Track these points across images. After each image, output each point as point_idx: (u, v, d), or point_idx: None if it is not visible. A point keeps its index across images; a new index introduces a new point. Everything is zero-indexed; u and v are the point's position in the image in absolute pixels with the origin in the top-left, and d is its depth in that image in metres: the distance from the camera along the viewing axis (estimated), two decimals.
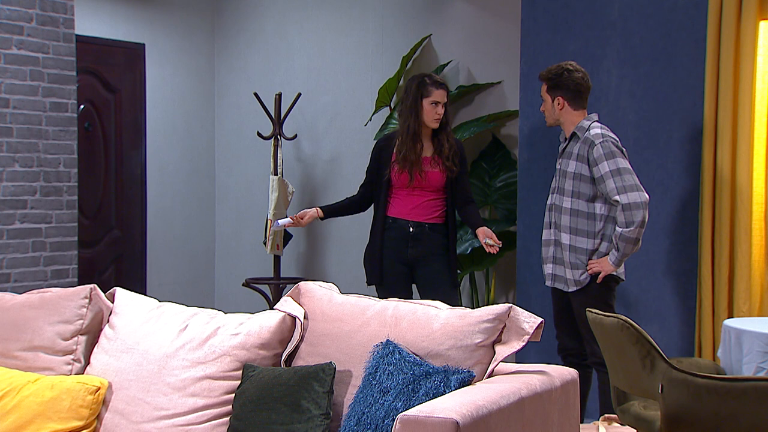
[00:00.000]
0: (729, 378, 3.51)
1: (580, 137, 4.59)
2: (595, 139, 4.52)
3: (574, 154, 4.60)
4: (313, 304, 3.31)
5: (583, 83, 4.65)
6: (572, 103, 4.64)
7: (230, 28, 7.94)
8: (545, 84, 4.69)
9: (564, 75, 4.62)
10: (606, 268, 4.52)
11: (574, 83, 4.62)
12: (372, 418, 2.85)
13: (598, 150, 4.49)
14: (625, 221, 4.41)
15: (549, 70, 4.69)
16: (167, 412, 3.20)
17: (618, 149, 4.50)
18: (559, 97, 4.64)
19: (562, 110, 4.65)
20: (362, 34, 7.26)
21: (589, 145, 4.53)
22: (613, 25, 5.45)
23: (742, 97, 4.99)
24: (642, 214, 4.40)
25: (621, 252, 4.46)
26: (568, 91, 4.63)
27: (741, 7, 5.00)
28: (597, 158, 4.49)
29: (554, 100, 4.65)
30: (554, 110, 4.67)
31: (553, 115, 4.69)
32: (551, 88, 4.66)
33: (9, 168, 5.54)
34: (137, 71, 7.52)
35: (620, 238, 4.43)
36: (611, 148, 4.48)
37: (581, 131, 4.60)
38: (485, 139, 6.64)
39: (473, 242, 6.30)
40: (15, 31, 5.54)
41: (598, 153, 4.48)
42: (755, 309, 4.99)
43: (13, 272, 5.55)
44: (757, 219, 5.02)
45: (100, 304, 3.54)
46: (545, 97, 4.70)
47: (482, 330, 2.98)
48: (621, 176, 4.44)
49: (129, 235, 7.49)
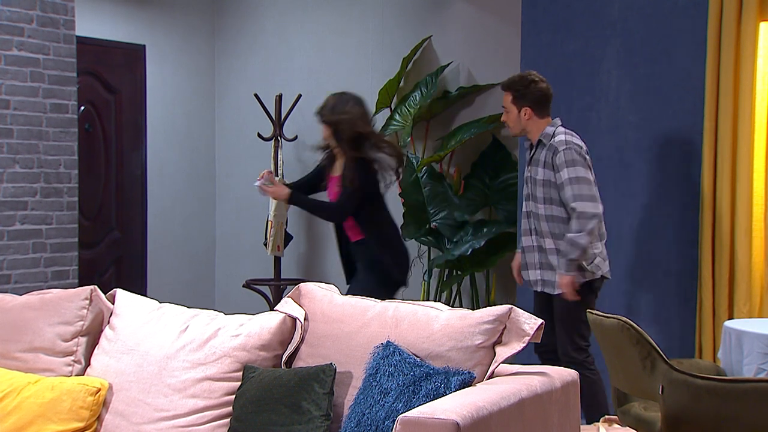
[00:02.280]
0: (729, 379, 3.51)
1: (545, 144, 4.63)
2: (558, 146, 4.56)
3: (542, 161, 4.64)
4: (313, 305, 3.31)
5: (548, 93, 4.69)
6: (538, 113, 4.67)
7: (230, 30, 7.94)
8: (510, 94, 4.69)
9: (531, 86, 4.65)
10: (564, 281, 4.53)
11: (540, 93, 4.66)
12: (372, 419, 2.85)
13: (560, 157, 4.54)
14: (578, 228, 4.46)
15: (513, 81, 4.71)
16: (167, 413, 3.20)
17: (580, 157, 4.55)
18: (526, 107, 4.66)
19: (529, 120, 4.67)
20: (362, 35, 7.26)
21: (554, 152, 4.58)
22: (613, 26, 5.45)
23: (743, 98, 4.99)
24: (593, 224, 4.45)
25: (567, 257, 4.49)
26: (534, 101, 4.65)
27: (741, 8, 5.00)
28: (559, 165, 4.54)
29: (521, 110, 4.67)
30: (520, 120, 4.68)
31: (519, 125, 4.71)
32: (517, 99, 4.67)
33: (9, 169, 5.54)
34: (137, 72, 7.52)
35: (568, 241, 4.47)
36: (573, 156, 4.52)
37: (546, 138, 4.64)
38: (485, 140, 6.64)
39: (473, 243, 6.30)
40: (15, 33, 5.54)
41: (560, 160, 4.53)
42: (755, 310, 4.99)
43: (14, 273, 5.55)
44: (758, 220, 5.02)
45: (100, 305, 3.54)
46: (509, 107, 4.70)
47: (483, 331, 2.98)
48: (579, 185, 4.49)
49: (129, 236, 7.49)
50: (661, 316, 5.33)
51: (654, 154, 5.35)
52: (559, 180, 4.55)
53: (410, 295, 6.65)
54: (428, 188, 6.64)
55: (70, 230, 5.86)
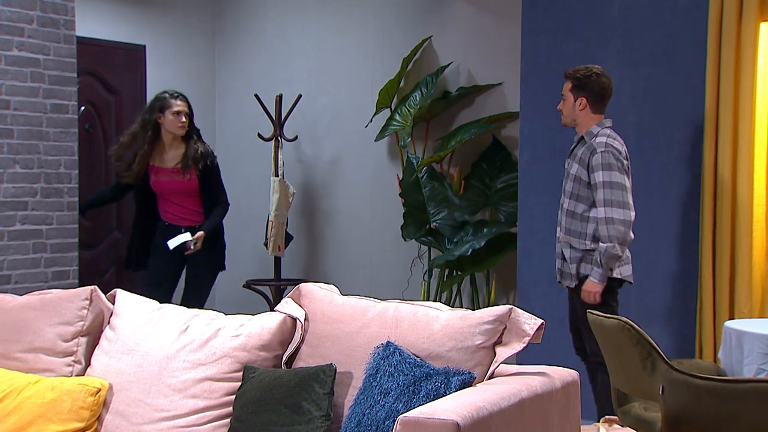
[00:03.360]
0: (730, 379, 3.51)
1: (586, 141, 4.62)
2: (597, 147, 4.54)
3: (578, 157, 4.64)
4: (313, 305, 3.31)
5: (609, 88, 4.66)
6: (593, 107, 4.64)
7: (231, 30, 7.94)
8: (570, 82, 4.67)
9: (592, 77, 4.63)
10: (593, 289, 4.54)
11: (600, 87, 4.64)
12: (372, 419, 2.85)
13: (597, 158, 4.52)
14: (607, 235, 4.46)
15: (576, 70, 4.68)
16: (168, 413, 3.20)
17: (617, 161, 4.52)
18: (582, 97, 4.63)
19: (583, 111, 4.65)
20: (363, 36, 7.26)
21: (591, 152, 4.56)
22: (614, 27, 5.45)
23: (743, 99, 5.00)
24: (622, 231, 4.45)
25: (604, 268, 4.49)
26: (593, 93, 4.63)
27: (742, 9, 5.01)
28: (595, 166, 4.52)
29: (577, 99, 4.65)
30: (574, 110, 4.66)
31: (572, 114, 4.68)
32: (576, 88, 4.65)
33: (10, 169, 5.54)
34: (138, 73, 7.52)
35: (604, 254, 4.47)
36: (610, 160, 4.50)
37: (589, 136, 4.62)
38: (486, 141, 6.65)
39: (474, 243, 6.30)
40: (16, 33, 5.54)
41: (597, 161, 4.51)
42: (756, 310, 4.99)
43: (14, 274, 5.54)
44: (758, 220, 5.02)
45: (100, 305, 3.54)
46: (567, 95, 4.68)
47: (483, 331, 2.98)
48: (612, 189, 4.48)
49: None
50: (661, 316, 5.33)
51: (654, 154, 5.35)
52: (593, 181, 4.54)
53: (410, 296, 6.67)
54: (428, 188, 6.64)
55: (71, 230, 5.86)
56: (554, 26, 5.64)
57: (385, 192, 7.14)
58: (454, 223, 6.51)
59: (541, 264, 5.63)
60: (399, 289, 6.86)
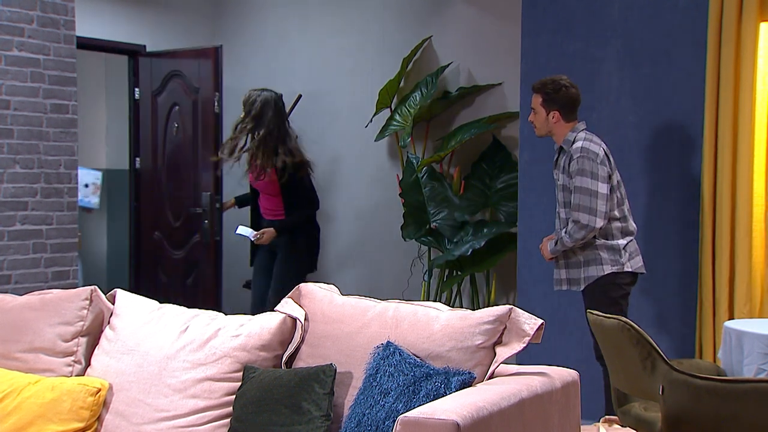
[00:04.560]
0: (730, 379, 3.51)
1: (566, 150, 4.73)
2: (574, 154, 4.66)
3: (561, 167, 4.76)
4: (313, 305, 3.31)
5: (578, 99, 4.78)
6: (566, 117, 4.75)
7: (231, 30, 7.93)
8: (540, 96, 4.77)
9: (562, 90, 4.73)
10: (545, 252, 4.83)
11: (570, 98, 4.75)
12: (372, 419, 2.85)
13: (573, 165, 4.65)
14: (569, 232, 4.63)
15: (545, 84, 4.77)
16: (168, 413, 3.21)
17: (593, 164, 4.60)
18: (555, 111, 4.74)
19: (556, 123, 4.76)
20: (363, 36, 7.26)
21: (570, 158, 4.68)
22: (614, 27, 5.45)
23: (743, 99, 4.99)
24: (583, 234, 4.61)
25: (556, 249, 4.73)
26: (564, 106, 4.74)
27: (741, 9, 5.00)
28: (572, 172, 4.66)
29: (549, 113, 4.75)
30: (548, 123, 4.78)
31: (546, 127, 4.80)
32: (547, 102, 4.75)
33: (10, 169, 5.54)
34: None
35: (560, 241, 4.69)
36: (584, 165, 4.61)
37: (567, 144, 4.73)
38: (486, 141, 6.65)
39: (474, 243, 6.30)
40: (16, 33, 5.54)
41: (573, 168, 4.65)
42: (756, 310, 4.99)
43: (14, 274, 5.55)
44: (758, 220, 5.02)
45: (100, 305, 3.54)
46: (538, 109, 4.79)
47: (483, 331, 2.98)
48: (581, 194, 4.61)
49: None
50: (661, 316, 5.33)
51: (654, 154, 5.35)
52: (571, 186, 4.66)
53: (410, 296, 6.67)
54: (428, 188, 6.64)
55: (71, 230, 5.86)
56: (554, 26, 5.64)
57: (385, 192, 7.14)
58: (454, 223, 6.51)
59: (541, 264, 5.63)
60: (399, 289, 6.86)
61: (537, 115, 4.79)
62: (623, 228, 4.70)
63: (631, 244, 4.72)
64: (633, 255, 4.71)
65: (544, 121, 4.77)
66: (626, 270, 4.67)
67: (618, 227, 4.68)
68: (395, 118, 6.77)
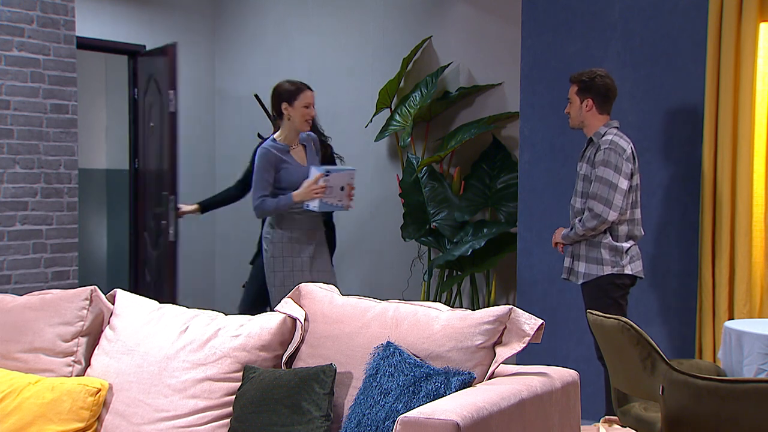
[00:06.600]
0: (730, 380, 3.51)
1: (595, 142, 4.74)
2: (602, 145, 4.67)
3: (587, 158, 4.77)
4: (313, 305, 3.31)
5: (613, 89, 4.79)
6: (599, 107, 4.76)
7: (231, 30, 7.94)
8: (576, 86, 4.79)
9: (596, 79, 4.75)
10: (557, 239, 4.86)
11: (605, 87, 4.75)
12: (372, 419, 2.85)
13: (600, 155, 4.65)
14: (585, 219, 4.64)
15: (581, 73, 4.81)
16: (168, 413, 3.20)
17: (618, 159, 4.62)
18: (588, 99, 4.75)
19: (589, 112, 4.75)
20: (363, 36, 7.26)
21: (597, 149, 4.69)
22: (614, 27, 5.45)
23: (743, 99, 4.99)
24: (594, 225, 4.62)
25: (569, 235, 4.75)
26: (598, 94, 4.74)
27: (741, 9, 5.00)
28: (597, 162, 4.65)
29: (583, 101, 4.76)
30: (581, 112, 4.77)
31: (579, 116, 4.80)
32: (582, 90, 4.76)
33: (10, 169, 5.54)
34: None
35: (572, 230, 4.72)
36: (609, 157, 4.62)
37: (597, 137, 4.73)
38: (486, 141, 6.65)
39: (473, 243, 6.30)
40: (16, 33, 5.54)
41: (599, 158, 4.65)
42: (756, 310, 4.99)
43: (14, 274, 5.55)
44: (758, 220, 5.02)
45: (100, 305, 3.54)
46: (573, 98, 4.80)
47: (483, 331, 2.98)
48: (601, 185, 4.61)
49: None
50: (661, 316, 5.33)
51: (654, 154, 5.35)
52: (592, 176, 4.67)
53: (410, 296, 6.67)
54: (428, 188, 6.64)
55: (71, 230, 5.86)
56: (554, 26, 5.64)
57: (385, 192, 7.14)
58: (454, 224, 6.51)
59: (541, 264, 5.63)
60: (399, 289, 6.86)
61: (572, 104, 4.81)
62: (630, 231, 4.71)
63: (634, 248, 4.73)
64: (634, 258, 4.72)
65: (578, 110, 4.77)
66: (626, 272, 4.68)
67: (625, 230, 4.70)
68: (395, 118, 6.77)
